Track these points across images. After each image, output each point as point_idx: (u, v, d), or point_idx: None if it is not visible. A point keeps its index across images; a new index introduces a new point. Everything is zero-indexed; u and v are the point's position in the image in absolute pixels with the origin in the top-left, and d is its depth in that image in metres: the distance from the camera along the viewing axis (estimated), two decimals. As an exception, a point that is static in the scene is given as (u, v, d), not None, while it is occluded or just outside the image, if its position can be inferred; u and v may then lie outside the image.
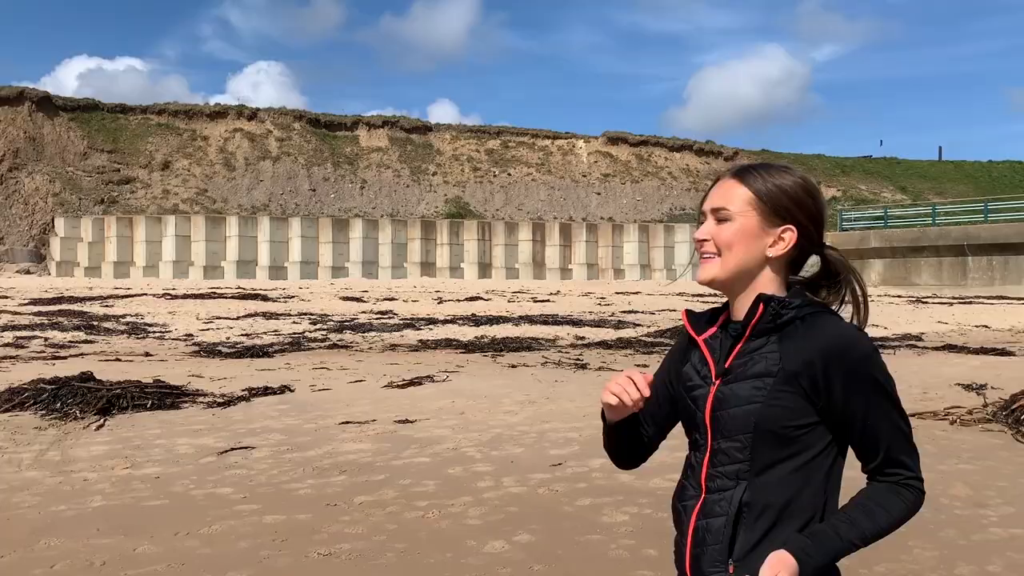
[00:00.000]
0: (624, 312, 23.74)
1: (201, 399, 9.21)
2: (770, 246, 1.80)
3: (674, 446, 2.50)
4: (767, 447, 1.73)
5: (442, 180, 52.28)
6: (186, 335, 16.71)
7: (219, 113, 52.26)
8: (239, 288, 31.56)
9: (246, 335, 16.76)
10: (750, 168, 1.85)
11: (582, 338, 16.73)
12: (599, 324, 19.83)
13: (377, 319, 20.45)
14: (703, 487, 1.80)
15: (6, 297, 25.44)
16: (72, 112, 49.42)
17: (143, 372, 10.89)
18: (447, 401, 9.36)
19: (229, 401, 9.14)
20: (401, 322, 19.62)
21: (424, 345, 15.21)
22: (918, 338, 17.49)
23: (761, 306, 1.76)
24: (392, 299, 27.68)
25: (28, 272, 40.73)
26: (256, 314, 21.16)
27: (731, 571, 1.73)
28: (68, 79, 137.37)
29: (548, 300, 28.35)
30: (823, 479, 1.76)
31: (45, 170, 45.67)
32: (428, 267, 43.04)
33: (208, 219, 41.93)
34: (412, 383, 10.43)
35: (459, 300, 27.59)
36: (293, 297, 27.81)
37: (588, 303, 27.44)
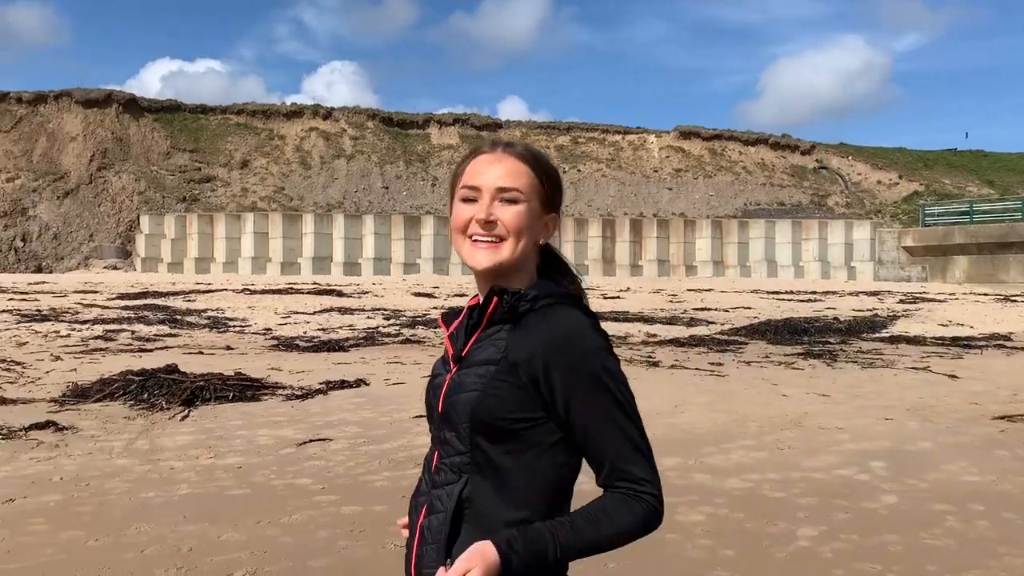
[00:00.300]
0: (697, 309, 23.43)
1: (280, 392, 9.44)
2: (540, 233, 1.73)
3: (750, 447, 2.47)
4: (484, 439, 1.62)
5: (513, 177, 52.45)
6: (265, 329, 17.15)
7: (295, 113, 53.46)
8: (315, 284, 32.24)
9: (322, 329, 17.11)
10: (528, 149, 1.75)
11: (653, 335, 16.58)
12: (671, 321, 19.61)
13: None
14: (432, 482, 1.70)
15: (95, 292, 26.52)
16: (156, 113, 51.21)
17: (224, 365, 11.22)
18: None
19: (307, 394, 9.34)
20: (472, 318, 19.73)
21: (495, 341, 15.27)
22: (1007, 338, 16.80)
23: (495, 299, 1.68)
24: (463, 295, 27.88)
25: (115, 268, 42.38)
26: (332, 309, 21.58)
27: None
28: (152, 81, 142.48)
29: (618, 297, 28.18)
30: (547, 479, 1.62)
31: (131, 169, 47.44)
32: (498, 263, 43.20)
33: (285, 216, 42.97)
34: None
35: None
36: (367, 293, 28.27)
37: (659, 300, 27.17)
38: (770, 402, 9.31)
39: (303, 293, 27.19)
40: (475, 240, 1.67)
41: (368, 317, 19.93)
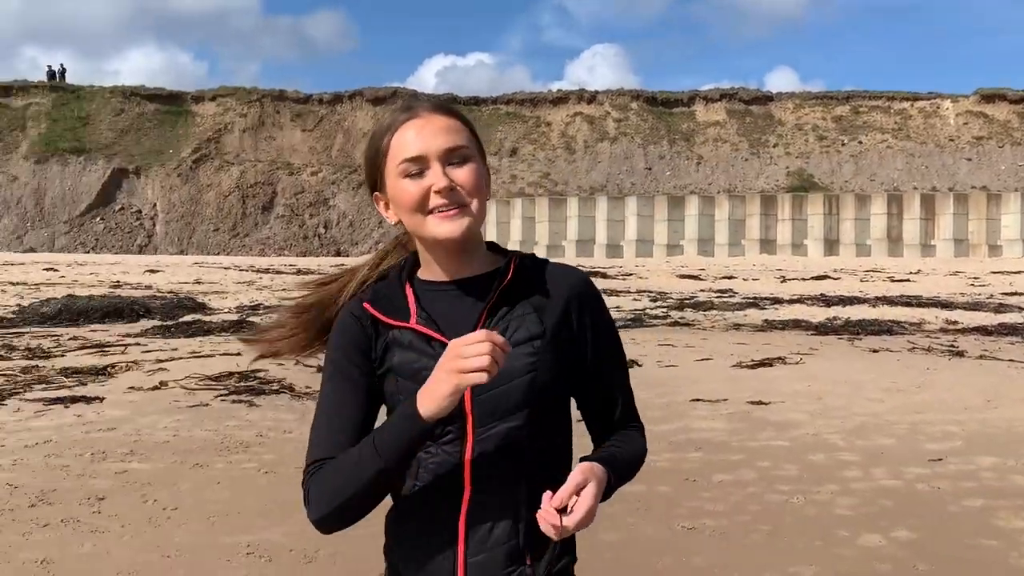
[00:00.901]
0: (1005, 294, 20.91)
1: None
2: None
3: None
4: (538, 420, 1.52)
5: (783, 152, 49.95)
6: (537, 310, 17.77)
7: (560, 99, 54.72)
8: (579, 266, 32.87)
9: (591, 311, 17.42)
10: (445, 104, 1.59)
11: (954, 322, 15.05)
12: (974, 307, 17.67)
13: (717, 297, 20.13)
14: (468, 486, 1.50)
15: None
16: (435, 107, 54.77)
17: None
18: (802, 384, 8.93)
19: (582, 373, 9.54)
20: (743, 301, 19.12)
21: (770, 325, 14.68)
22: None
23: (513, 263, 1.57)
24: (731, 277, 27.07)
25: (401, 251, 46.08)
26: (599, 291, 21.89)
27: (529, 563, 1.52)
28: (428, 77, 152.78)
29: (907, 280, 25.89)
30: (568, 436, 1.61)
31: (413, 160, 51.20)
32: (768, 244, 41.39)
33: (551, 200, 44.21)
34: (762, 364, 10.11)
35: (804, 279, 26.20)
36: (631, 275, 28.35)
37: (957, 283, 24.60)
38: (1106, 400, 8.08)
39: (571, 275, 27.80)
40: (439, 212, 1.50)
41: (634, 299, 19.97)
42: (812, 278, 26.43)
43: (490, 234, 44.36)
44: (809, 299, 19.35)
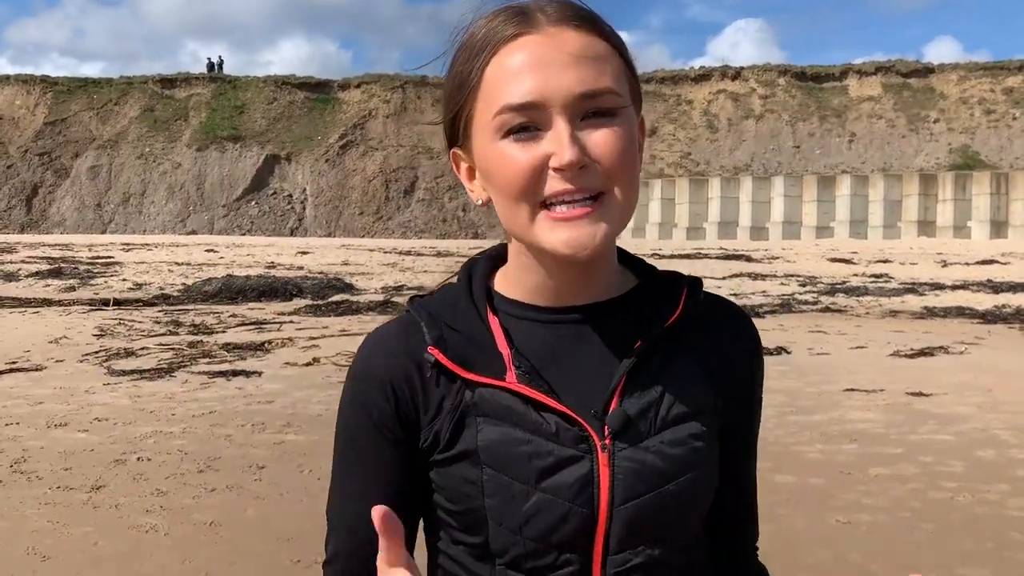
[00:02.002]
0: None
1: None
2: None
3: None
4: (697, 531, 1.03)
5: (945, 127, 46.74)
6: (677, 293, 17.47)
7: (703, 76, 53.31)
8: (721, 248, 32.04)
9: (734, 295, 16.92)
10: (582, 6, 0.96)
11: None
12: None
13: (872, 282, 19.14)
14: None
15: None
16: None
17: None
18: (968, 375, 8.35)
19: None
20: (900, 286, 18.09)
21: (930, 312, 13.82)
22: None
23: (684, 294, 1.01)
24: (886, 261, 25.67)
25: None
26: (741, 274, 21.26)
27: None
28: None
29: (1085, 264, 23.74)
30: None
31: (552, 143, 51.31)
32: (926, 226, 38.92)
33: (691, 181, 43.23)
34: (922, 353, 9.53)
35: (968, 264, 24.50)
36: (777, 258, 27.37)
37: None
38: None
39: (710, 258, 27.18)
40: (559, 206, 0.91)
41: (781, 283, 19.28)
42: (977, 262, 24.68)
43: (628, 216, 43.87)
44: (974, 285, 18.08)
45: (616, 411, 0.94)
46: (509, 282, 1.02)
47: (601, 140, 0.89)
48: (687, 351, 1.00)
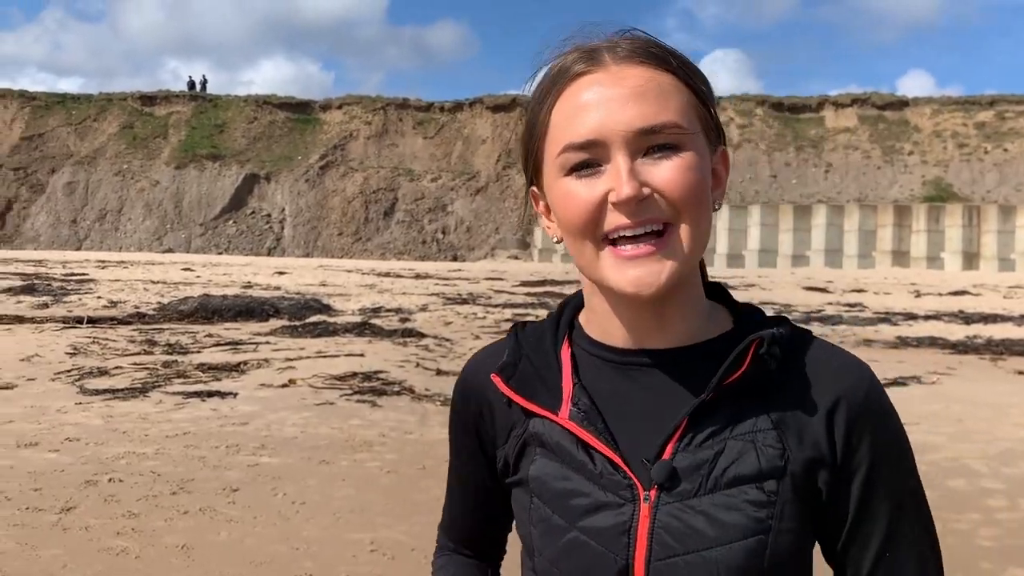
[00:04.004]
0: None
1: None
2: (713, 192, 0.96)
3: None
4: None
5: (919, 160, 47.54)
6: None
7: (682, 105, 53.93)
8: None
9: (711, 321, 17.06)
10: (658, 43, 0.95)
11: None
12: None
13: (846, 311, 19.33)
14: None
15: (502, 279, 29.27)
16: (554, 114, 55.05)
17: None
18: (939, 405, 8.45)
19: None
20: (874, 316, 18.28)
21: (904, 342, 13.97)
22: None
23: (753, 347, 0.93)
24: (861, 291, 25.95)
25: (516, 258, 46.43)
26: (718, 301, 21.43)
27: None
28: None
29: (1054, 296, 24.14)
30: None
31: (532, 167, 51.60)
32: (900, 256, 39.51)
33: (670, 208, 43.61)
34: (895, 383, 9.62)
35: (940, 294, 24.84)
36: (753, 285, 27.59)
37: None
38: None
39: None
40: (624, 244, 0.90)
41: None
42: (950, 293, 25.02)
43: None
44: (946, 315, 18.32)
45: (662, 463, 0.92)
46: (589, 320, 1.03)
47: (666, 172, 0.89)
48: (763, 407, 0.93)
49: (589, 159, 0.91)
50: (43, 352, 10.84)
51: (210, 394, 8.29)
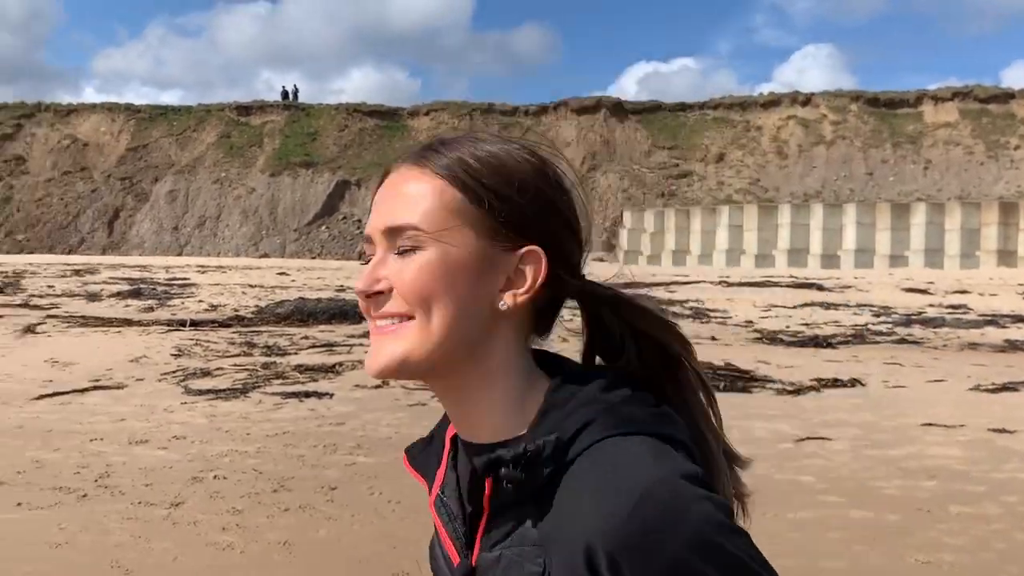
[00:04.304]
0: None
1: (770, 385, 9.34)
2: (501, 289, 0.92)
3: None
4: None
5: (1027, 155, 45.21)
6: (746, 322, 17.17)
7: (772, 102, 52.71)
8: (791, 277, 31.44)
9: (805, 324, 16.58)
10: (465, 151, 0.93)
11: None
12: None
13: (949, 313, 18.54)
14: None
15: (588, 282, 29.19)
16: (638, 115, 54.54)
17: (712, 355, 11.46)
18: (1054, 411, 8.02)
19: (798, 390, 9.10)
20: (979, 318, 17.48)
21: (1013, 346, 13.31)
22: None
23: (488, 483, 0.88)
24: (964, 292, 24.84)
25: (601, 260, 46.19)
26: (812, 303, 20.82)
27: None
28: (629, 85, 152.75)
29: None
30: None
31: (615, 169, 51.21)
32: (1007, 256, 37.59)
33: (760, 208, 42.63)
34: (1005, 388, 9.19)
35: (1052, 294, 23.57)
36: (849, 287, 26.73)
37: None
38: None
39: (780, 286, 26.68)
40: (377, 325, 0.93)
41: (854, 313, 18.82)
42: (1062, 294, 23.71)
43: (694, 245, 43.41)
44: (1059, 317, 17.37)
45: (462, 564, 0.94)
46: None
47: (399, 269, 0.91)
48: (538, 515, 0.86)
49: (367, 250, 0.96)
50: (150, 353, 11.36)
51: (307, 395, 8.52)
